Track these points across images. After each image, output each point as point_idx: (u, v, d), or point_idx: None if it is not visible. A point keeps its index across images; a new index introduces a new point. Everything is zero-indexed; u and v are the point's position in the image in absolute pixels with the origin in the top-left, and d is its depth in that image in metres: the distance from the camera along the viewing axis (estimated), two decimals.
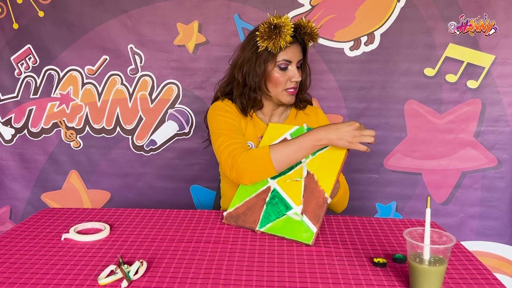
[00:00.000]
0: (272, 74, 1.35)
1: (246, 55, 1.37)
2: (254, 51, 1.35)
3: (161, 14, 1.84)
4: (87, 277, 0.91)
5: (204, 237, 1.12)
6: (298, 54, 1.36)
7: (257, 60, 1.34)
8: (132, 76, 1.90)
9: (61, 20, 1.86)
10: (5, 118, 1.95)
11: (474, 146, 1.86)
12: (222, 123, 1.35)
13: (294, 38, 1.34)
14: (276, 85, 1.36)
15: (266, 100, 1.43)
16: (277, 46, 1.30)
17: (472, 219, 1.90)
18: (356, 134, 1.14)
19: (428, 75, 1.83)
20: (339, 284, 0.89)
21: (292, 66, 1.35)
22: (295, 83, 1.36)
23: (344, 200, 1.37)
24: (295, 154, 1.19)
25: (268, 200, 1.20)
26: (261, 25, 1.32)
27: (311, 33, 1.38)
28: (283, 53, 1.33)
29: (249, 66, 1.36)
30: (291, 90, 1.37)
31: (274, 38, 1.29)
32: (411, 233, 0.88)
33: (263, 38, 1.31)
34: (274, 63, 1.34)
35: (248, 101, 1.39)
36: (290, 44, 1.33)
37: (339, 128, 1.16)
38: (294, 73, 1.35)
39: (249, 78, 1.36)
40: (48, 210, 1.33)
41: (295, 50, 1.35)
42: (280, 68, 1.34)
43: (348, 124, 1.16)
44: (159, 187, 1.96)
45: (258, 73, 1.35)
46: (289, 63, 1.35)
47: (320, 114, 1.51)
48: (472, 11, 1.77)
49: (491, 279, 0.92)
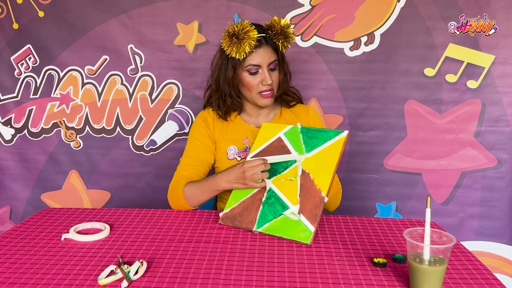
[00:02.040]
0: (243, 79, 1.37)
1: (218, 61, 1.40)
2: (225, 57, 1.36)
3: (161, 14, 1.84)
4: (87, 277, 0.91)
5: (204, 237, 1.12)
6: (268, 56, 1.35)
7: (227, 66, 1.36)
8: (132, 76, 1.90)
9: (61, 20, 1.86)
10: (5, 118, 1.95)
11: (474, 146, 1.86)
12: (191, 144, 1.44)
13: (263, 40, 1.34)
14: (249, 89, 1.38)
15: (248, 102, 1.45)
16: (241, 52, 1.30)
17: (472, 219, 1.90)
18: (242, 176, 1.19)
19: (428, 75, 1.83)
20: (339, 284, 0.89)
21: (262, 69, 1.35)
22: (268, 86, 1.36)
23: (336, 198, 1.38)
24: (201, 196, 1.30)
25: (264, 200, 1.19)
26: (224, 33, 1.34)
27: (283, 32, 1.36)
28: (250, 58, 1.34)
29: (220, 72, 1.39)
30: (265, 93, 1.37)
31: (236, 45, 1.30)
32: (411, 233, 0.88)
33: (226, 46, 1.32)
34: (242, 68, 1.35)
35: (224, 106, 1.43)
36: (256, 48, 1.33)
37: (229, 174, 1.23)
38: (265, 77, 1.35)
39: (221, 83, 1.40)
40: (48, 210, 1.33)
41: (263, 53, 1.34)
42: (249, 72, 1.36)
43: (237, 167, 1.22)
44: (159, 187, 1.96)
45: (227, 78, 1.38)
46: (259, 67, 1.35)
47: (311, 113, 1.50)
48: (472, 11, 1.77)
49: (491, 279, 0.92)
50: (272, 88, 1.38)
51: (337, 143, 1.17)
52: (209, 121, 1.45)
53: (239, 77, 1.37)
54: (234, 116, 1.46)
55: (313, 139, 1.21)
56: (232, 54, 1.32)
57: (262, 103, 1.39)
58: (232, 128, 1.45)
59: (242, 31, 1.29)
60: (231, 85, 1.39)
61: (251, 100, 1.41)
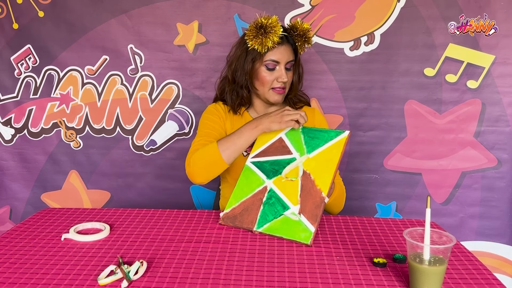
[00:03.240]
0: (259, 72, 1.38)
1: (236, 52, 1.42)
2: (245, 49, 1.38)
3: (161, 14, 1.84)
4: (87, 277, 0.91)
5: (204, 237, 1.12)
6: (287, 55, 1.37)
7: (246, 58, 1.38)
8: (132, 76, 1.90)
9: (61, 20, 1.86)
10: (5, 118, 1.95)
11: (474, 146, 1.86)
12: (204, 125, 1.43)
13: (285, 39, 1.36)
14: (263, 84, 1.39)
15: (257, 99, 1.46)
16: (264, 46, 1.32)
17: (472, 219, 1.90)
18: (282, 114, 1.23)
19: (428, 75, 1.83)
20: (339, 284, 0.89)
21: (280, 66, 1.37)
22: (282, 83, 1.38)
23: (339, 201, 1.37)
24: (238, 140, 1.27)
25: (265, 200, 1.19)
26: (250, 24, 1.36)
27: (303, 35, 1.39)
28: (271, 53, 1.35)
29: (238, 63, 1.40)
30: (278, 89, 1.39)
31: (261, 38, 1.32)
32: (411, 233, 0.88)
33: (251, 37, 1.34)
34: (261, 62, 1.36)
35: (237, 98, 1.44)
36: (278, 45, 1.35)
37: (270, 115, 1.26)
38: (281, 74, 1.36)
39: (237, 75, 1.41)
40: (48, 210, 1.33)
41: (283, 51, 1.36)
42: (267, 67, 1.37)
43: (278, 110, 1.26)
44: (159, 187, 1.96)
45: (245, 70, 1.39)
46: (277, 63, 1.36)
47: (317, 114, 1.51)
48: (472, 11, 1.77)
49: (491, 279, 0.92)
50: (285, 86, 1.40)
51: (338, 144, 1.17)
52: (221, 112, 1.46)
53: (256, 71, 1.38)
54: (242, 111, 1.47)
55: (314, 140, 1.21)
56: (254, 46, 1.33)
57: (274, 99, 1.40)
58: (240, 123, 1.43)
59: (270, 24, 1.31)
60: (250, 77, 1.40)
61: (263, 95, 1.42)
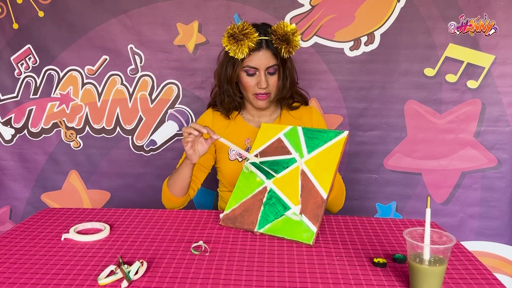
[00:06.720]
0: (241, 78, 1.39)
1: (221, 58, 1.42)
2: (227, 54, 1.37)
3: (161, 14, 1.84)
4: (87, 277, 0.91)
5: (204, 237, 1.12)
6: (266, 60, 1.34)
7: (228, 64, 1.38)
8: (132, 76, 1.90)
9: (61, 20, 1.86)
10: (5, 118, 1.95)
11: (474, 146, 1.86)
12: None
13: (264, 43, 1.33)
14: (245, 89, 1.40)
15: (248, 102, 1.45)
16: (239, 53, 1.31)
17: (472, 219, 1.90)
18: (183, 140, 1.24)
19: (428, 75, 1.83)
20: (339, 284, 0.89)
21: (260, 72, 1.35)
22: (263, 89, 1.36)
23: (339, 199, 1.37)
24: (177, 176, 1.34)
25: (265, 200, 1.19)
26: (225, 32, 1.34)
27: (285, 38, 1.32)
28: (248, 59, 1.34)
29: (222, 68, 1.40)
30: (260, 95, 1.38)
31: (235, 46, 1.30)
32: (411, 233, 0.88)
33: (227, 45, 1.33)
34: (241, 68, 1.36)
35: (226, 103, 1.44)
36: (255, 50, 1.33)
37: None
38: (260, 80, 1.35)
39: (222, 80, 1.41)
40: (48, 210, 1.33)
41: (262, 57, 1.34)
42: (247, 73, 1.36)
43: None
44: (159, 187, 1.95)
45: (227, 76, 1.39)
46: (256, 69, 1.35)
47: (314, 113, 1.50)
48: (472, 11, 1.77)
49: (491, 279, 0.92)
50: (269, 92, 1.38)
51: (338, 144, 1.17)
52: (208, 124, 1.46)
53: (238, 76, 1.38)
54: (235, 115, 1.47)
55: (314, 140, 1.21)
56: (231, 53, 1.33)
57: (257, 104, 1.41)
58: (233, 129, 1.45)
59: (241, 32, 1.29)
60: (230, 82, 1.40)
61: (248, 100, 1.43)
